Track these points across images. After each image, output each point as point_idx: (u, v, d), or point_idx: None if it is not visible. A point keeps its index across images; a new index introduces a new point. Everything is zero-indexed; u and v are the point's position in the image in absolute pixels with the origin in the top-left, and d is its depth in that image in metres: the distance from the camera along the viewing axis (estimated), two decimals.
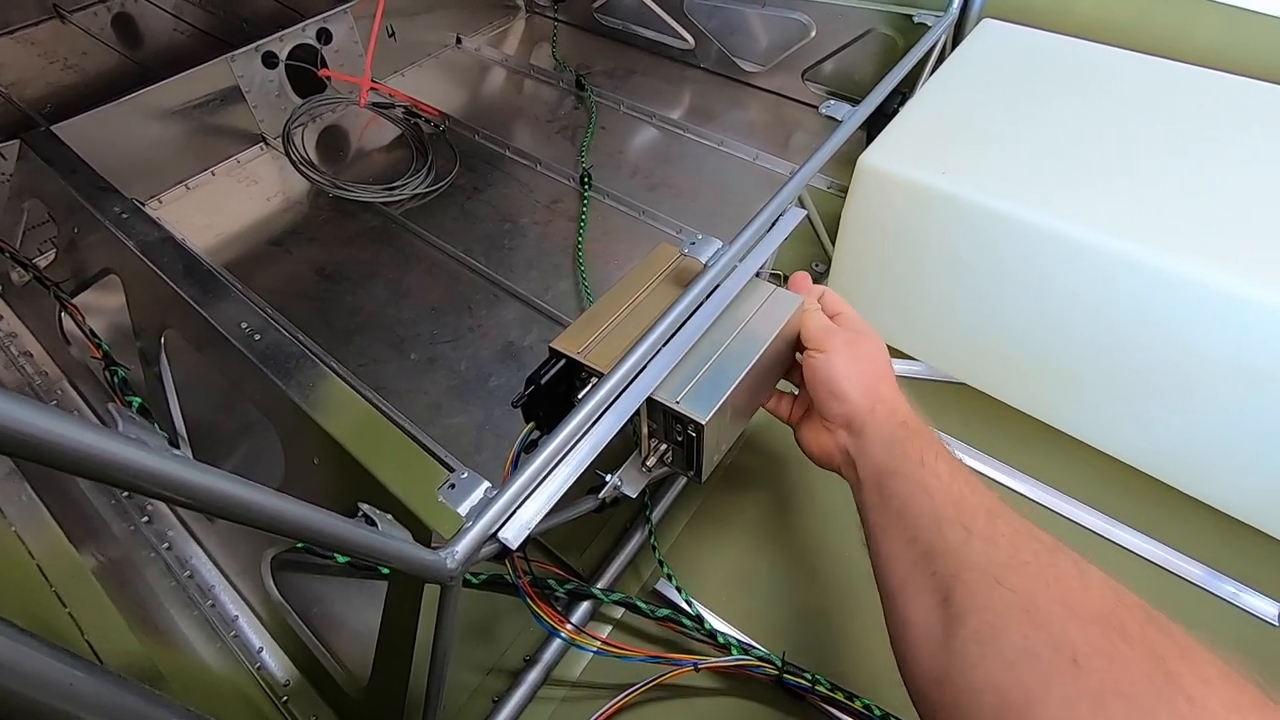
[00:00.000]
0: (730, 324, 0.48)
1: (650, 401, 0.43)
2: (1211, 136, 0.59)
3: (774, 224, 0.54)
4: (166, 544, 0.59)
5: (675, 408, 0.43)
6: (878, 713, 0.47)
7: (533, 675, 0.51)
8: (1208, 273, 0.49)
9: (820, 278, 0.77)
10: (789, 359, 0.51)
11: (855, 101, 0.67)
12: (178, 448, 0.59)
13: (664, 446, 0.46)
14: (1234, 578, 0.55)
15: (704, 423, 0.42)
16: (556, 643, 0.52)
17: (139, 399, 0.60)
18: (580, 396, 0.43)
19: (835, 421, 0.45)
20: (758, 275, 0.52)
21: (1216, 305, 0.49)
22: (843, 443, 0.45)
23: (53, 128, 0.75)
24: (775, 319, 0.48)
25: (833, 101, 0.69)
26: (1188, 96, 0.63)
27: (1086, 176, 0.56)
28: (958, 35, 0.82)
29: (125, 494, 0.61)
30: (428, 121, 1.01)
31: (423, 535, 0.39)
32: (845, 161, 0.64)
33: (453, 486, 0.39)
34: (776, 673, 0.48)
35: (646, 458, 0.47)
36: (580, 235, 0.84)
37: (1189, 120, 0.60)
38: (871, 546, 0.41)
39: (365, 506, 0.35)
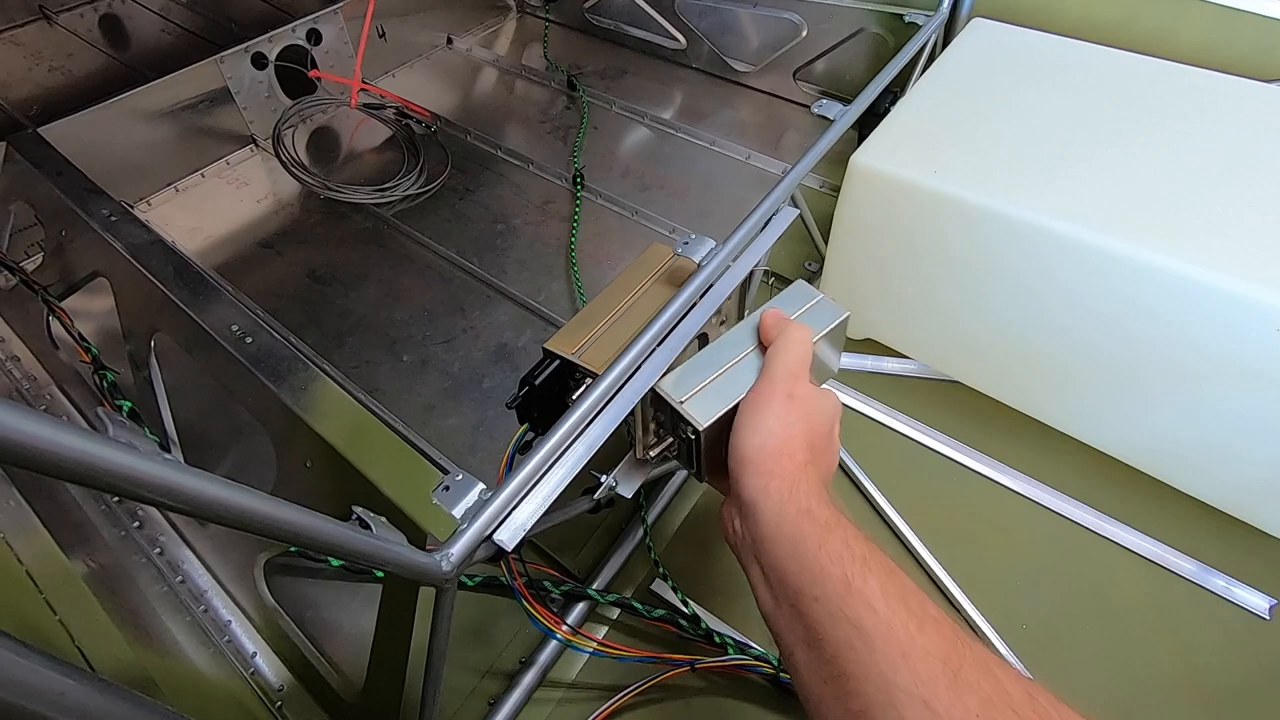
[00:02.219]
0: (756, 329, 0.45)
1: (656, 395, 0.43)
2: (1200, 134, 0.59)
3: (767, 223, 0.54)
4: (158, 549, 0.58)
5: (678, 408, 0.42)
6: None
7: (529, 677, 0.50)
8: (1197, 269, 0.50)
9: (813, 277, 0.77)
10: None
11: (847, 101, 0.67)
12: (168, 452, 0.59)
13: (670, 440, 0.45)
14: (1225, 573, 0.55)
15: (701, 429, 0.41)
16: (552, 644, 0.52)
17: (129, 403, 0.59)
18: (575, 397, 0.42)
19: (732, 487, 0.38)
20: (751, 274, 0.52)
21: (1206, 301, 0.50)
22: (736, 525, 0.38)
23: (39, 130, 0.75)
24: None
25: (824, 101, 0.69)
26: (1175, 94, 0.63)
27: (1076, 174, 0.57)
28: (948, 34, 0.83)
29: (116, 499, 0.61)
30: (419, 122, 1.00)
31: (417, 538, 0.39)
32: (837, 161, 0.64)
33: (447, 489, 0.39)
34: (773, 671, 0.48)
35: (650, 448, 0.46)
36: (573, 236, 0.84)
37: (1177, 118, 0.61)
38: (802, 696, 0.33)
39: (359, 509, 0.35)
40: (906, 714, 0.28)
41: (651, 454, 0.46)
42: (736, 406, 0.41)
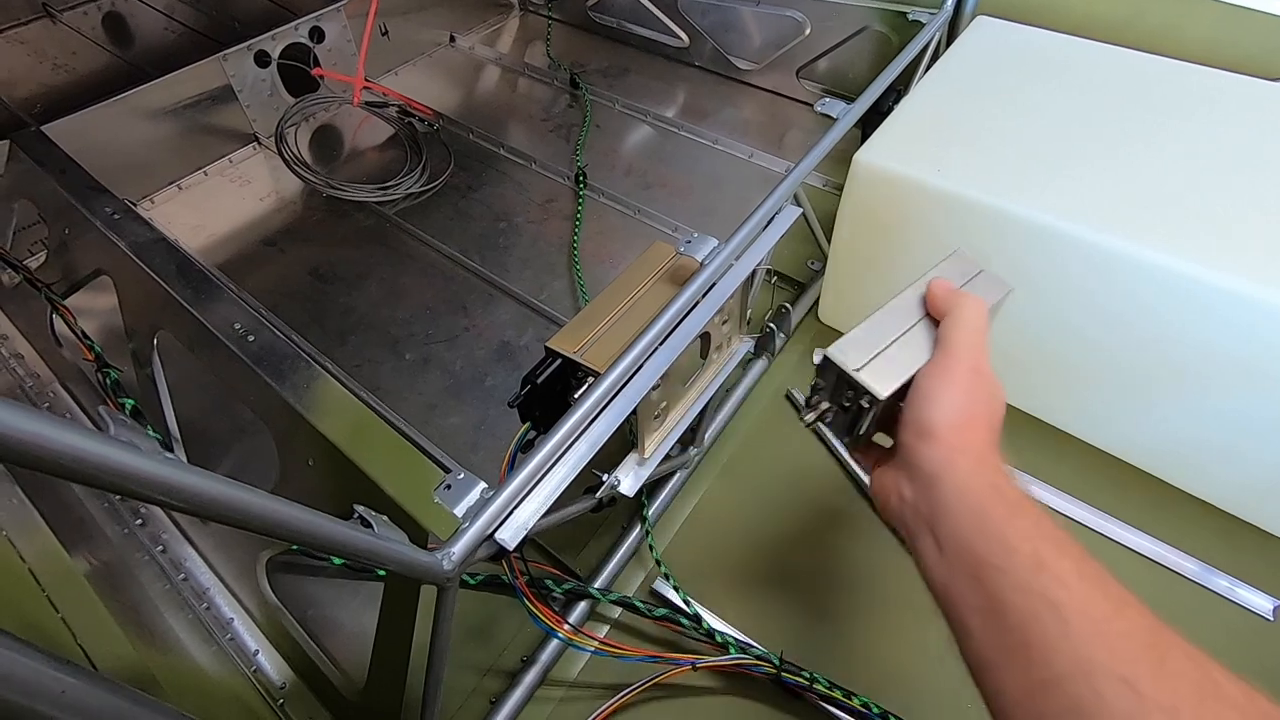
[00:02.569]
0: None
1: (826, 361, 0.41)
2: (1205, 133, 0.59)
3: (770, 222, 0.54)
4: (161, 547, 0.58)
5: (855, 376, 0.40)
6: (876, 710, 0.47)
7: (530, 676, 0.50)
8: (1203, 269, 0.49)
9: (816, 276, 0.77)
10: None
11: (850, 99, 0.67)
12: (171, 450, 0.59)
13: (826, 405, 0.43)
14: (1229, 573, 0.55)
15: (882, 399, 0.39)
16: (554, 643, 0.52)
17: (132, 401, 0.59)
18: (577, 396, 0.42)
19: (905, 457, 0.37)
20: (754, 273, 0.52)
21: (1212, 301, 0.49)
22: (906, 494, 0.36)
23: (43, 128, 0.75)
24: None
25: (828, 99, 0.69)
26: (1180, 93, 0.63)
27: (1081, 173, 0.56)
28: (952, 32, 0.83)
29: (118, 497, 0.61)
30: (421, 120, 1.00)
31: (419, 536, 0.38)
32: (840, 159, 0.64)
33: (449, 487, 0.39)
34: (774, 671, 0.48)
35: (808, 413, 0.44)
36: (575, 234, 0.84)
37: (1182, 117, 0.61)
38: (973, 662, 0.31)
39: (361, 508, 0.35)
40: (1104, 690, 0.26)
41: (809, 418, 0.43)
42: (912, 378, 0.39)
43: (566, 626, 0.51)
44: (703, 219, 0.86)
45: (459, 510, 0.38)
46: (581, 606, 0.53)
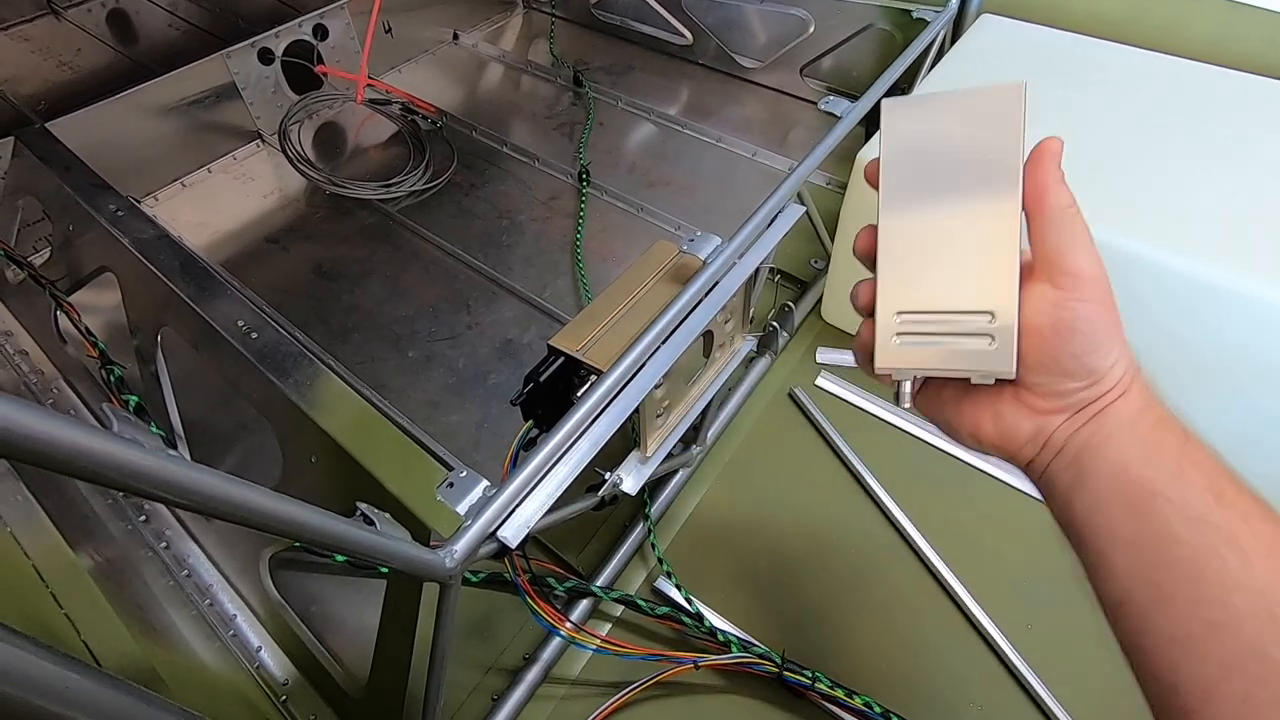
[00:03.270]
0: None
1: None
2: (1209, 131, 0.59)
3: (773, 221, 0.54)
4: (164, 543, 0.59)
5: None
6: (878, 710, 0.47)
7: (532, 674, 0.51)
8: (1205, 267, 0.49)
9: (819, 274, 0.77)
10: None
11: (854, 97, 0.67)
12: (175, 447, 0.59)
13: None
14: None
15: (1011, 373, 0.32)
16: (556, 641, 0.52)
17: (136, 397, 0.59)
18: (579, 394, 0.42)
19: (1058, 400, 0.31)
20: (756, 272, 0.52)
21: (1214, 299, 0.49)
22: (1056, 434, 0.32)
23: (47, 125, 0.75)
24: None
25: (832, 97, 0.69)
26: (1185, 91, 0.63)
27: (1086, 171, 0.56)
28: (957, 30, 0.82)
29: (122, 494, 0.61)
30: (425, 118, 1.00)
31: (421, 534, 0.39)
32: (844, 158, 0.64)
33: (451, 485, 0.39)
34: (776, 670, 0.48)
35: None
36: (578, 232, 0.84)
37: (1187, 115, 0.60)
38: (1112, 599, 0.30)
39: (363, 505, 0.35)
40: None
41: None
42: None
43: (568, 624, 0.51)
44: (705, 217, 0.86)
45: (461, 508, 0.38)
46: (583, 604, 0.53)
